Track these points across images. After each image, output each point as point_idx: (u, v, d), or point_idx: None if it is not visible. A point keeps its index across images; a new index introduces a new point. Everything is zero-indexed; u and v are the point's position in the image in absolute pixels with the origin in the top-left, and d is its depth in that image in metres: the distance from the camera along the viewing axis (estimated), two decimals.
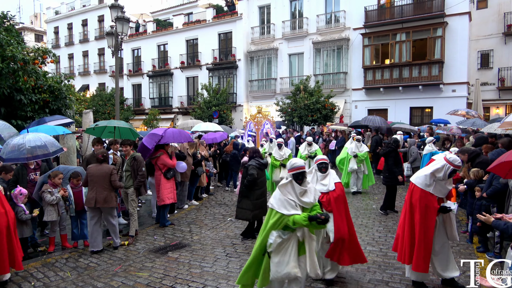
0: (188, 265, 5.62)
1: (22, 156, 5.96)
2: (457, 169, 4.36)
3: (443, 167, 4.34)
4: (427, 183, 4.43)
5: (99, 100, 28.89)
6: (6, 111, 8.95)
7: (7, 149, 6.00)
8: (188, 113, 28.46)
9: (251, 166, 6.64)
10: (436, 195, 4.41)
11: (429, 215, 4.35)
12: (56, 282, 5.06)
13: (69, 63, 38.51)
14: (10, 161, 5.96)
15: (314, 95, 20.41)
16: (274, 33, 26.18)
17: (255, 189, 6.60)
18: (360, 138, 11.02)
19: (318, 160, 4.89)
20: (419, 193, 4.44)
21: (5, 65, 8.56)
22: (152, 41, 31.94)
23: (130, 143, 7.10)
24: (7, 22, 10.65)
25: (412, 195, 4.55)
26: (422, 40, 20.86)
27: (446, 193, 4.52)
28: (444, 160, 4.37)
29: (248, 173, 6.54)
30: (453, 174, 4.42)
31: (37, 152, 6.10)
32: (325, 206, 4.61)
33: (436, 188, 4.40)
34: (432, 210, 4.36)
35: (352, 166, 10.59)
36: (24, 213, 5.55)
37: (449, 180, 4.49)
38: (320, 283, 4.83)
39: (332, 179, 4.75)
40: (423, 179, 4.48)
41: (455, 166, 4.31)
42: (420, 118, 21.78)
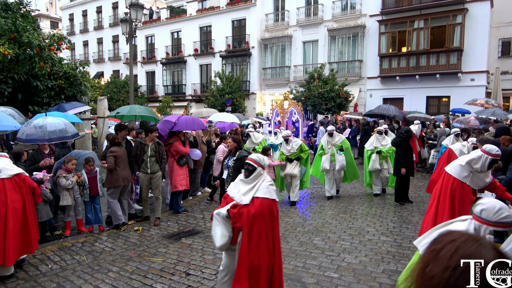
0: (201, 251, 5.66)
1: (43, 138, 6.05)
2: (497, 159, 4.18)
3: (481, 158, 4.18)
4: (464, 174, 4.30)
5: (114, 87, 29.13)
6: (23, 97, 9.06)
7: (26, 130, 6.09)
8: (201, 101, 28.49)
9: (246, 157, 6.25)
10: (471, 187, 4.29)
11: (465, 207, 4.24)
12: (73, 265, 5.15)
13: (84, 50, 38.81)
14: (30, 142, 6.07)
15: (328, 83, 20.16)
16: (288, 20, 25.83)
17: None
18: (381, 130, 9.25)
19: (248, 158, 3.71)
20: (455, 184, 4.30)
21: (22, 51, 8.64)
22: (166, 28, 31.88)
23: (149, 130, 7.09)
24: (23, 8, 10.72)
25: (445, 184, 4.42)
26: (441, 27, 20.31)
27: (483, 186, 4.37)
28: (481, 151, 4.23)
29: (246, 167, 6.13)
30: (493, 164, 4.23)
31: (57, 134, 6.20)
32: (233, 220, 3.34)
33: (473, 180, 4.28)
34: (467, 201, 4.22)
35: (373, 164, 8.92)
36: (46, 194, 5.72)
37: (487, 173, 4.32)
38: (332, 272, 4.81)
39: (255, 191, 3.45)
40: (459, 169, 4.34)
41: (493, 156, 4.15)
42: (436, 108, 21.35)
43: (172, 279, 4.69)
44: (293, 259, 5.28)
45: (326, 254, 5.45)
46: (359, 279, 4.58)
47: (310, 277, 4.69)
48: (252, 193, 3.44)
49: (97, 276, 4.81)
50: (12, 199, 4.58)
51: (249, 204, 3.36)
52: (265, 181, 3.55)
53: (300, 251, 5.63)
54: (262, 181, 3.53)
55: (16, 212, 4.60)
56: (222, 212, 3.36)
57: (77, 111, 9.44)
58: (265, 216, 3.33)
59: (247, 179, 3.56)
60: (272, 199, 3.45)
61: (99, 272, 4.93)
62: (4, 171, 4.55)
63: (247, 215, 3.29)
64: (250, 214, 3.29)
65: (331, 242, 5.99)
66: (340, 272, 4.80)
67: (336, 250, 5.63)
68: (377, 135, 9.17)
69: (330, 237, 6.27)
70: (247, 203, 3.37)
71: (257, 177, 3.56)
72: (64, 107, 9.10)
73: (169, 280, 4.66)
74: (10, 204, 4.54)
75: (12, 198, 4.58)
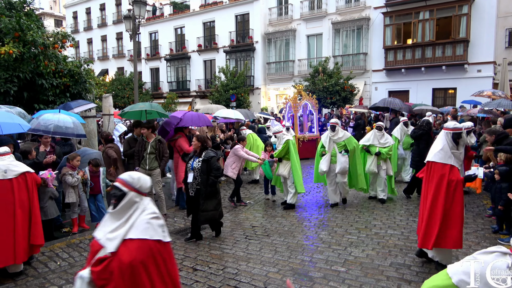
0: (208, 247, 5.67)
1: (46, 130, 6.12)
2: (457, 132, 4.41)
3: (446, 137, 4.44)
4: (448, 156, 4.39)
5: (118, 85, 29.21)
6: (28, 96, 9.10)
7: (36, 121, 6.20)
8: (205, 97, 28.48)
9: (215, 158, 5.69)
10: (457, 167, 4.39)
11: (458, 189, 4.31)
12: (81, 262, 5.19)
13: (88, 48, 38.93)
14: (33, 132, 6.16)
15: (333, 77, 20.04)
16: (292, 13, 25.66)
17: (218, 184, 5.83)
18: (381, 125, 7.98)
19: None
20: (443, 169, 4.36)
21: (26, 50, 8.66)
22: (169, 24, 31.84)
23: (148, 125, 7.14)
24: (27, 7, 10.75)
25: (434, 174, 4.45)
26: (447, 18, 20.04)
27: (462, 161, 4.58)
28: (443, 130, 4.52)
29: (215, 166, 5.60)
30: (457, 138, 4.44)
31: (62, 130, 6.26)
32: (99, 283, 2.30)
33: (456, 160, 4.40)
34: (460, 182, 4.32)
35: (370, 166, 7.87)
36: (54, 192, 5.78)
37: (460, 148, 4.52)
38: (340, 265, 4.80)
39: (126, 229, 2.36)
40: (442, 154, 4.42)
41: (452, 130, 4.41)
42: (443, 100, 21.16)
43: (180, 274, 4.69)
44: (300, 254, 5.28)
45: (333, 248, 5.45)
46: (366, 273, 4.57)
47: (317, 271, 4.68)
48: (122, 233, 2.33)
49: None
50: (20, 199, 4.61)
51: (119, 252, 2.28)
52: (145, 212, 2.43)
53: (306, 245, 5.63)
54: (140, 213, 2.42)
55: (24, 212, 4.63)
56: (84, 275, 2.32)
57: (82, 109, 9.50)
58: (148, 267, 2.30)
59: (114, 210, 2.42)
60: (156, 239, 2.37)
61: None
62: (9, 171, 4.56)
63: (120, 270, 2.24)
64: (124, 267, 2.23)
65: (337, 236, 5.98)
66: (347, 266, 4.79)
67: (343, 244, 5.62)
68: (376, 132, 7.89)
69: (337, 231, 6.26)
70: (113, 250, 2.28)
71: (129, 206, 2.42)
72: (70, 105, 9.15)
73: None
74: (18, 203, 4.58)
75: (20, 198, 4.61)
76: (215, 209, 5.71)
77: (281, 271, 4.71)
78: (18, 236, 4.54)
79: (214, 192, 5.65)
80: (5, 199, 4.49)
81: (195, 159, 5.74)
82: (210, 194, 5.60)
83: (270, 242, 5.74)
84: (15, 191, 4.56)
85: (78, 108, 9.16)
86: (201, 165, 5.60)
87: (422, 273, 4.49)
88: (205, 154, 5.63)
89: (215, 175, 5.58)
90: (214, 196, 5.67)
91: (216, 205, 5.72)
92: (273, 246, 5.61)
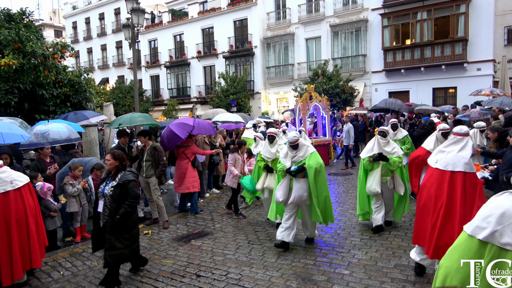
0: (211, 253, 5.66)
1: (44, 141, 6.13)
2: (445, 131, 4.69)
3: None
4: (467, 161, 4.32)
5: (119, 93, 29.35)
6: (29, 106, 9.15)
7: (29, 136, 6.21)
8: (206, 103, 28.55)
9: (134, 183, 4.48)
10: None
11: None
12: (84, 271, 5.19)
13: (88, 57, 39.14)
14: (32, 147, 6.16)
15: (332, 79, 20.08)
16: (290, 17, 25.76)
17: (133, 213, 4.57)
18: (385, 130, 6.17)
19: None
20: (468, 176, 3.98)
21: (26, 61, 8.73)
22: (168, 32, 32.00)
23: (144, 134, 7.16)
24: (26, 18, 10.83)
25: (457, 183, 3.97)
26: (444, 17, 20.10)
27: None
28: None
29: (132, 193, 4.39)
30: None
31: (59, 138, 6.29)
32: None
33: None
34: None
35: (372, 185, 5.94)
36: (53, 204, 5.72)
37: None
38: (343, 268, 4.77)
39: None
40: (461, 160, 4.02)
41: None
42: (443, 99, 21.15)
43: (183, 281, 4.70)
44: (303, 257, 5.25)
45: (337, 251, 5.42)
46: (370, 275, 4.55)
47: (321, 274, 4.66)
48: None
49: None
50: (30, 206, 4.66)
51: None
52: None
53: (310, 248, 5.61)
54: None
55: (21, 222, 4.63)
56: None
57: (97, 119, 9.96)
58: None
59: None
60: None
61: None
62: (15, 182, 4.57)
63: None
64: None
65: (341, 239, 5.95)
66: (351, 269, 4.77)
67: (346, 246, 5.59)
68: (379, 139, 6.02)
69: (340, 233, 6.23)
70: None
71: None
72: (85, 115, 9.33)
73: (179, 282, 4.67)
74: (29, 211, 4.61)
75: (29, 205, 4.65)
76: (126, 246, 4.45)
77: (284, 275, 4.69)
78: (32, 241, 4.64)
79: (125, 225, 4.41)
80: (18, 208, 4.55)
81: (108, 183, 4.53)
82: (119, 228, 4.37)
83: (272, 247, 5.71)
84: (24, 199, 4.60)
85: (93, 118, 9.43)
86: (113, 190, 4.39)
87: (426, 274, 4.46)
88: (121, 177, 4.45)
89: (131, 204, 4.38)
90: (124, 230, 4.44)
91: (127, 241, 4.46)
92: (276, 250, 5.58)
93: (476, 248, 1.79)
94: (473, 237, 1.82)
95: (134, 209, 4.49)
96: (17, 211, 4.50)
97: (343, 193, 9.34)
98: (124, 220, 4.37)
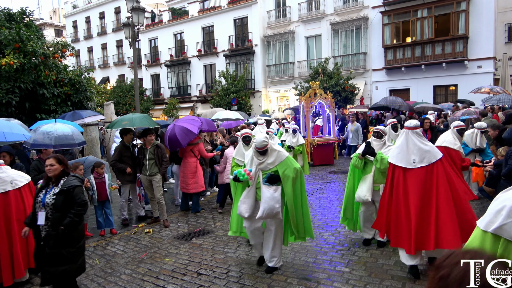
0: (212, 251, 5.68)
1: (50, 143, 6.12)
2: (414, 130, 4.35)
3: (402, 135, 4.43)
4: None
5: (120, 92, 29.39)
6: (30, 106, 9.18)
7: (35, 135, 6.18)
8: (207, 101, 28.57)
9: (80, 188, 3.99)
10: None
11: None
12: (86, 269, 5.20)
13: (88, 56, 39.17)
14: (36, 147, 6.14)
15: (333, 77, 20.08)
16: (290, 16, 25.74)
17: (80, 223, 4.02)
18: (381, 131, 5.30)
19: None
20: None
21: (27, 60, 8.75)
22: (168, 30, 32.01)
23: (144, 134, 7.18)
24: (26, 18, 10.85)
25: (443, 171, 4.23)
26: (445, 15, 20.08)
27: None
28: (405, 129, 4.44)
29: (79, 200, 3.89)
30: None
31: (64, 141, 6.27)
32: None
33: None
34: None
35: (362, 192, 5.21)
36: None
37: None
38: (343, 266, 4.79)
39: None
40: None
41: (408, 128, 4.32)
42: (444, 97, 21.14)
43: (184, 279, 4.72)
44: (303, 255, 5.27)
45: (337, 249, 5.44)
46: (371, 272, 4.56)
47: (322, 272, 4.68)
48: None
49: (110, 279, 4.86)
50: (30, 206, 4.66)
51: None
52: None
53: (310, 246, 5.62)
54: None
55: None
56: None
57: (93, 119, 9.72)
58: None
59: None
60: None
61: (112, 275, 4.99)
62: (15, 181, 4.59)
63: None
64: None
65: (341, 237, 5.97)
66: (351, 266, 4.78)
67: (346, 244, 5.61)
68: (374, 140, 5.24)
69: (341, 231, 6.25)
70: None
71: None
72: (80, 115, 9.26)
73: (181, 280, 4.69)
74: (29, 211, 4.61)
75: (29, 205, 4.65)
76: (71, 262, 3.89)
77: (285, 273, 4.71)
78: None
79: (71, 237, 3.86)
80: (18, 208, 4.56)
81: (49, 191, 3.91)
82: (64, 240, 3.79)
83: None
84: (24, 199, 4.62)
85: (88, 118, 9.32)
86: (56, 198, 3.82)
87: (426, 271, 4.47)
88: (64, 182, 3.91)
89: (77, 212, 3.85)
90: (70, 243, 3.87)
91: (72, 255, 3.90)
92: None
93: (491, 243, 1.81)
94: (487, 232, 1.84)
95: (81, 218, 3.93)
96: (17, 211, 4.52)
97: (343, 191, 9.33)
98: (70, 231, 3.81)
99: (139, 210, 7.68)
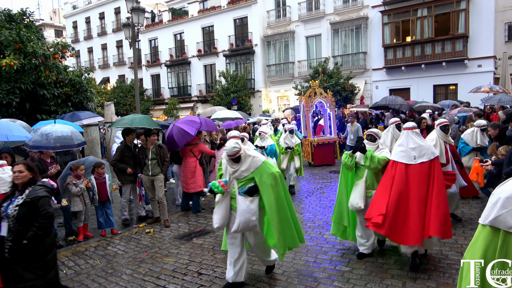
0: (213, 251, 5.69)
1: (48, 145, 6.13)
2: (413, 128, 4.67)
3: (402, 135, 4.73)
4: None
5: (120, 92, 29.41)
6: (30, 106, 9.19)
7: (34, 137, 6.19)
8: (207, 101, 28.59)
9: (46, 199, 3.67)
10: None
11: None
12: (87, 269, 5.22)
13: (88, 57, 39.20)
14: (35, 149, 6.14)
15: (333, 77, 20.08)
16: (290, 15, 25.75)
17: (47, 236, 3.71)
18: (374, 134, 4.95)
19: None
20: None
21: (27, 61, 8.77)
22: (168, 31, 32.02)
23: (147, 134, 7.19)
24: (26, 18, 10.86)
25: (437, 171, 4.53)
26: (445, 14, 20.07)
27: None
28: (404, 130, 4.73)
29: (43, 212, 3.58)
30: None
31: (63, 142, 6.27)
32: None
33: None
34: None
35: (354, 199, 4.84)
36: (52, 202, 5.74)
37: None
38: (344, 265, 4.80)
39: None
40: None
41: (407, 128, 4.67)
42: (444, 96, 21.13)
43: (185, 279, 4.73)
44: (304, 255, 5.28)
45: (337, 248, 5.45)
46: (371, 271, 4.57)
47: (322, 271, 4.69)
48: None
49: (111, 279, 4.87)
50: None
51: None
52: None
53: (311, 246, 5.64)
54: None
55: None
56: None
57: (91, 121, 9.69)
58: None
59: None
60: None
61: (113, 275, 5.00)
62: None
63: None
64: None
65: None
66: (351, 266, 4.79)
67: (347, 243, 5.62)
68: (367, 143, 4.89)
69: None
70: None
71: None
72: (79, 116, 9.26)
73: (181, 280, 4.70)
74: None
75: None
76: (38, 277, 3.58)
77: (285, 272, 4.72)
78: None
79: (35, 251, 3.57)
80: None
81: (13, 201, 3.63)
82: (28, 255, 3.53)
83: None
84: None
85: (86, 120, 9.30)
86: (18, 209, 3.53)
87: (426, 270, 4.48)
88: (29, 193, 3.62)
89: (41, 226, 3.54)
90: (35, 257, 3.58)
91: (39, 270, 3.60)
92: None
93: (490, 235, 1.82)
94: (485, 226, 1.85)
95: (45, 231, 3.60)
96: None
97: None
98: (34, 245, 3.51)
99: (140, 210, 7.69)
